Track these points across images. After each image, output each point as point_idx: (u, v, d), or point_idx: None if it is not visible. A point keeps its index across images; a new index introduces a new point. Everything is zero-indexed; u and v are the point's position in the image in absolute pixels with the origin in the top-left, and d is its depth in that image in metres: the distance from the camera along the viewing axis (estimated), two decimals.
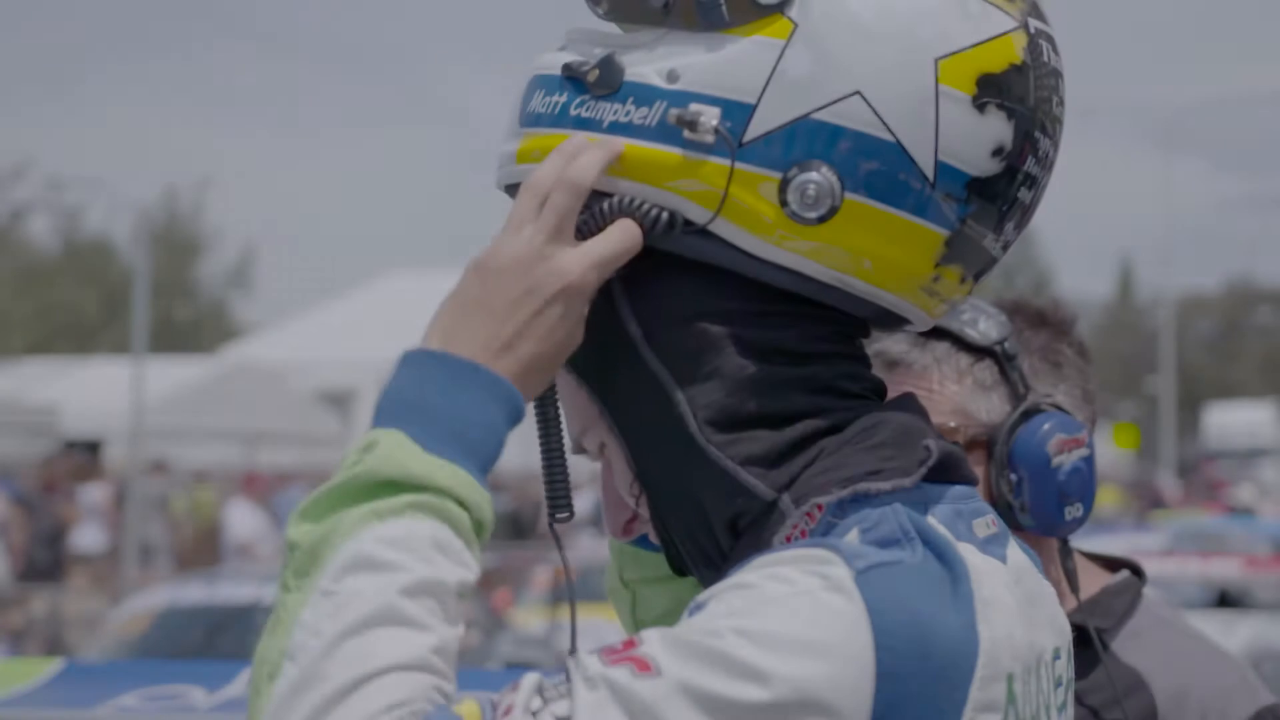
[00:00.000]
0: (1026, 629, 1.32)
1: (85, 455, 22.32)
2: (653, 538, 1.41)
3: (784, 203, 1.30)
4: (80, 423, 25.44)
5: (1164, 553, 10.24)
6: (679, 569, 1.41)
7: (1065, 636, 1.41)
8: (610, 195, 1.33)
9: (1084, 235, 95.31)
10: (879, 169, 1.30)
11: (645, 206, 1.32)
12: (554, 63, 1.37)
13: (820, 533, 1.29)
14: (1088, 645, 2.02)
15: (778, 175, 1.30)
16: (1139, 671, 2.04)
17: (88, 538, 19.64)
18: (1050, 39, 1.36)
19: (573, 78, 1.34)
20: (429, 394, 1.27)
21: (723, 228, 1.31)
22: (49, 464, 19.04)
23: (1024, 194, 1.35)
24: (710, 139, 1.30)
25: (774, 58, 1.30)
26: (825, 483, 1.31)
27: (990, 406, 2.02)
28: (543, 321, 1.30)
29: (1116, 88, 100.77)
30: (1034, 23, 1.34)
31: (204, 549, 20.41)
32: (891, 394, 2.04)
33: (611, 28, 1.38)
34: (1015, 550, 1.37)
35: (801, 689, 1.18)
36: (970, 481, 1.37)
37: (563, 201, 1.32)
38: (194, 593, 9.35)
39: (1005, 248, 1.37)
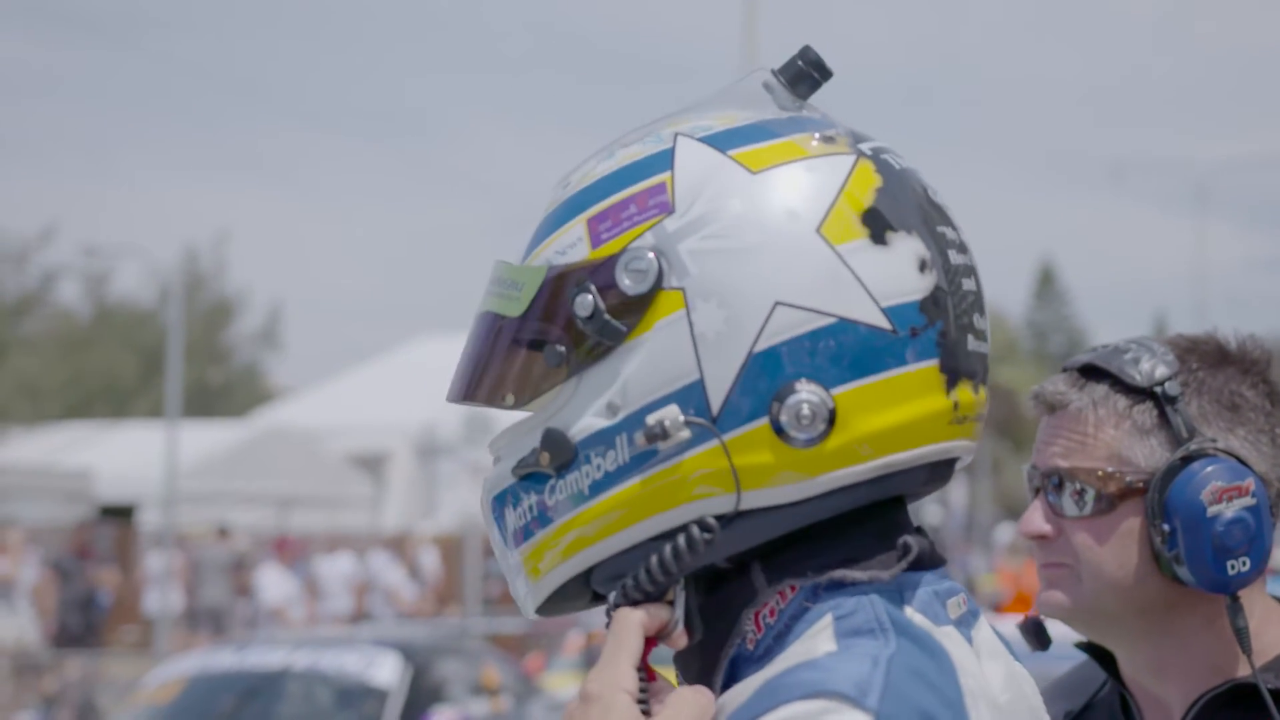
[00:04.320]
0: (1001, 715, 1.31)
1: (120, 521, 22.31)
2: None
3: (789, 439, 1.27)
4: (114, 488, 25.50)
5: None
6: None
7: None
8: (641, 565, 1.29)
9: (1117, 294, 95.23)
10: (842, 349, 1.28)
11: (654, 566, 1.28)
12: (502, 477, 1.34)
13: (792, 614, 1.29)
14: (1264, 709, 1.88)
15: (765, 420, 1.27)
16: None
17: (154, 602, 19.75)
18: (886, 149, 1.35)
19: (530, 475, 1.32)
20: None
21: (753, 499, 1.28)
22: (82, 529, 19.07)
23: (968, 283, 1.34)
24: (687, 434, 1.27)
25: (686, 329, 1.28)
26: (800, 565, 1.30)
27: (1149, 451, 1.89)
28: None
29: (1149, 147, 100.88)
30: (864, 146, 1.34)
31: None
32: (1047, 437, 1.95)
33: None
34: (985, 630, 1.36)
35: None
36: (942, 564, 1.35)
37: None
38: (225, 659, 9.33)
39: (985, 337, 1.36)
